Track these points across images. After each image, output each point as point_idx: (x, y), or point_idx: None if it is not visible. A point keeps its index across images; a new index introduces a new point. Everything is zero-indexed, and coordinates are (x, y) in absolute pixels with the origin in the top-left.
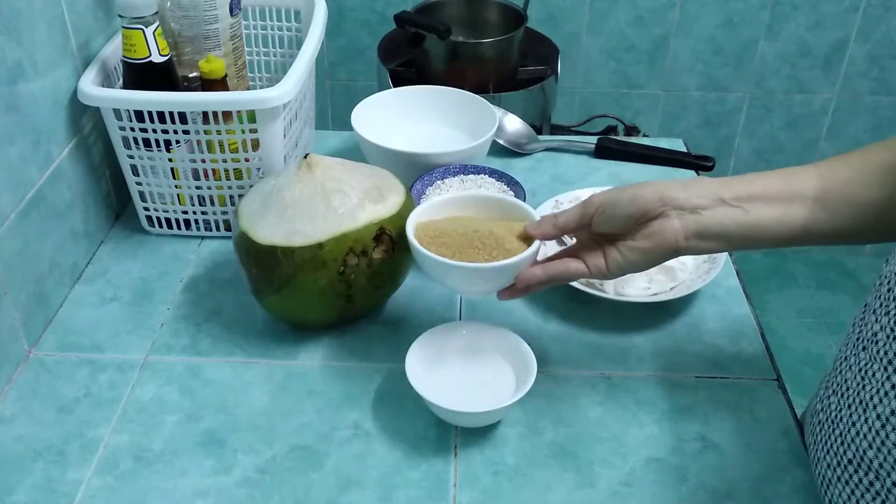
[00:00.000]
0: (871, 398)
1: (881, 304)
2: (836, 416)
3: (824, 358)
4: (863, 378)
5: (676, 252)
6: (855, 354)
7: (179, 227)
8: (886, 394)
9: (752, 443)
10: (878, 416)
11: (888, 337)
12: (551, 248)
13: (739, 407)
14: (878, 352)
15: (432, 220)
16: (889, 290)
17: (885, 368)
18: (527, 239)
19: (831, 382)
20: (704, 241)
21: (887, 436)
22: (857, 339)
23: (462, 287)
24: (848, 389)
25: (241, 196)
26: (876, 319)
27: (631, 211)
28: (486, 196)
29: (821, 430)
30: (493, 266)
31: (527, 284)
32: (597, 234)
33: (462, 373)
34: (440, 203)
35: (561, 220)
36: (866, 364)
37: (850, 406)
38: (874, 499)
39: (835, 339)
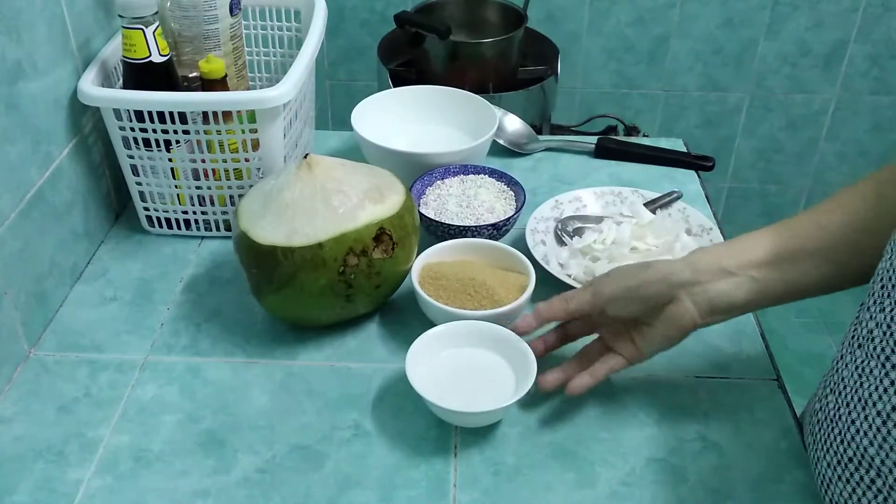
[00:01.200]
0: (870, 395)
1: (875, 301)
2: (834, 415)
3: (824, 358)
4: (860, 376)
5: (695, 329)
6: (851, 352)
7: (179, 227)
8: (886, 390)
9: (752, 443)
10: (879, 413)
11: (884, 333)
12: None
13: (739, 407)
14: (874, 349)
15: (438, 262)
16: (883, 287)
17: (883, 365)
18: (515, 291)
19: (829, 381)
20: (718, 315)
21: (889, 432)
22: (853, 337)
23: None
24: (846, 388)
25: (241, 196)
26: (871, 316)
27: (642, 301)
28: (491, 244)
29: (820, 430)
30: (475, 314)
31: (579, 392)
32: (619, 318)
33: (462, 373)
34: (448, 246)
35: (573, 306)
36: (863, 361)
37: (848, 404)
38: (876, 496)
39: (835, 339)
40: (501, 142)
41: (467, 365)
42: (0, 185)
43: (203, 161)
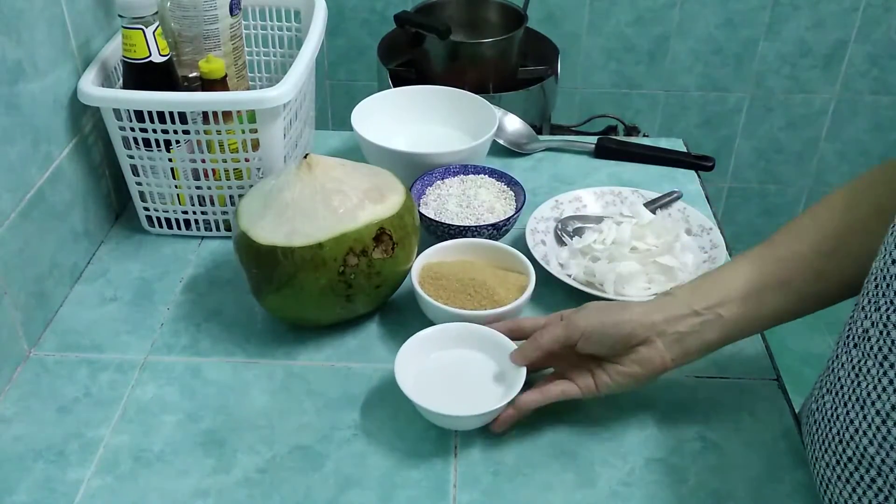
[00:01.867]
0: (868, 395)
1: (870, 301)
2: (832, 415)
3: (824, 358)
4: (857, 375)
5: (665, 371)
6: (847, 352)
7: (179, 227)
8: (884, 389)
9: (752, 443)
10: (878, 413)
11: (881, 333)
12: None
13: (739, 407)
14: (870, 348)
15: (438, 262)
16: (877, 286)
17: (881, 364)
18: (515, 291)
19: (825, 381)
20: (691, 356)
21: (889, 431)
22: (849, 337)
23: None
24: (843, 387)
25: (241, 196)
26: (866, 316)
27: (616, 339)
28: (491, 244)
29: (818, 430)
30: (475, 314)
31: (527, 408)
32: (582, 354)
33: (451, 375)
34: (448, 246)
35: (545, 341)
36: (859, 361)
37: (845, 404)
38: (876, 495)
39: (835, 338)
40: (501, 142)
41: (456, 367)
42: (0, 185)
43: (203, 161)
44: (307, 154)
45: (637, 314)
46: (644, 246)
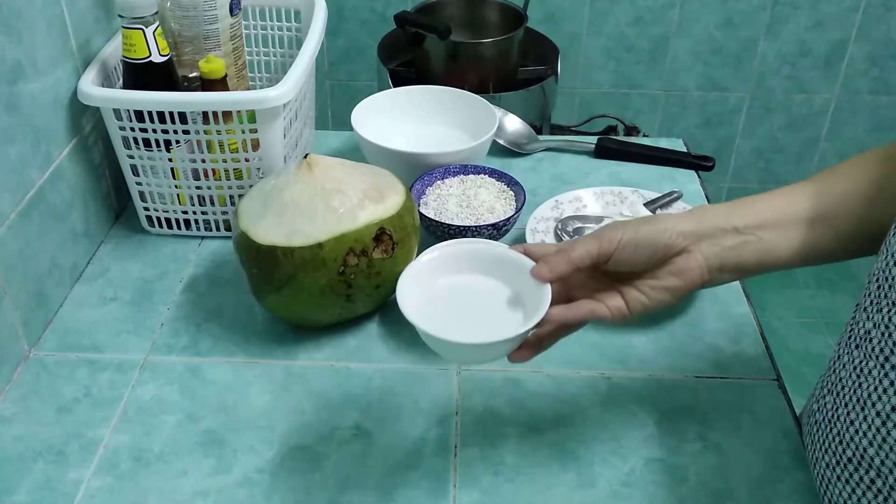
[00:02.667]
0: (869, 396)
1: (871, 302)
2: (832, 416)
3: (824, 358)
4: (858, 376)
5: (702, 286)
6: (848, 353)
7: (179, 227)
8: (885, 391)
9: (752, 443)
10: (878, 414)
11: (882, 334)
12: None
13: (739, 407)
14: (872, 349)
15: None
16: (879, 287)
17: (882, 366)
18: None
19: (826, 382)
20: (724, 274)
21: (888, 433)
22: (850, 338)
23: None
24: (844, 388)
25: (241, 196)
26: (868, 317)
27: (653, 249)
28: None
29: (818, 430)
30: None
31: (555, 322)
32: (607, 272)
33: (465, 303)
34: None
35: (575, 255)
36: (861, 362)
37: (846, 405)
38: (875, 497)
39: (835, 339)
40: (501, 142)
41: (468, 293)
42: (0, 185)
43: (203, 161)
44: (307, 154)
45: (673, 223)
46: None
